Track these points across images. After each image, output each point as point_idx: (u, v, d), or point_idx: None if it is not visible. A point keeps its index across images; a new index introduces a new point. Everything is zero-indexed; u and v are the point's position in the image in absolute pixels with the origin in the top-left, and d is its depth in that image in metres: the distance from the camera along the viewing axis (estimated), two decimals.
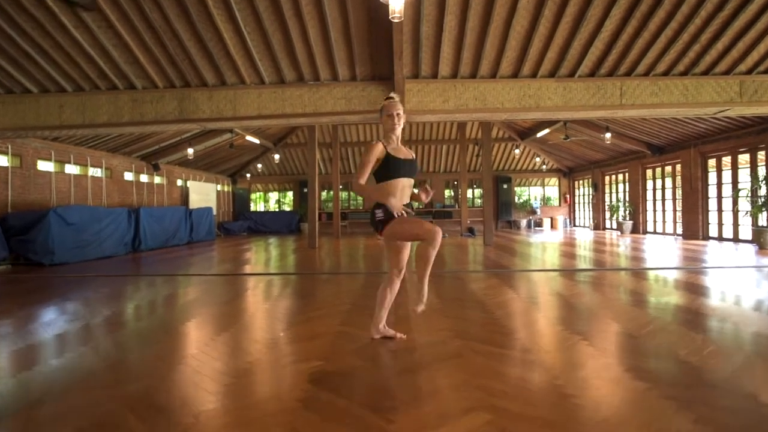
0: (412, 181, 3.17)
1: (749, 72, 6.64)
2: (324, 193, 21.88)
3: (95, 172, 12.56)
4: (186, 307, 4.77)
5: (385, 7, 4.57)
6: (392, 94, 3.20)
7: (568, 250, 10.49)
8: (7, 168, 9.60)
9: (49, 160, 10.83)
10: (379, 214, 2.98)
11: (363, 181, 2.94)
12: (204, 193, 18.33)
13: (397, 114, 3.11)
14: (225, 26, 5.90)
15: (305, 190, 21.38)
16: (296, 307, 4.60)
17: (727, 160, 11.98)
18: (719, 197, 12.16)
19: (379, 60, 6.51)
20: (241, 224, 19.76)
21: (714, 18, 5.74)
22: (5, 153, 9.57)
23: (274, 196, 23.06)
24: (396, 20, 4.18)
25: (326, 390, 2.37)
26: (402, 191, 3.07)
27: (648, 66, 6.58)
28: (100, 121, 6.99)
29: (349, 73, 6.77)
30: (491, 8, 5.60)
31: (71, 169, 11.61)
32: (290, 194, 22.58)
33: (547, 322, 3.84)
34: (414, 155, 3.24)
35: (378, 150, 3.02)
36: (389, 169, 3.05)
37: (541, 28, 5.90)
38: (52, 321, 4.19)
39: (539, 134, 15.99)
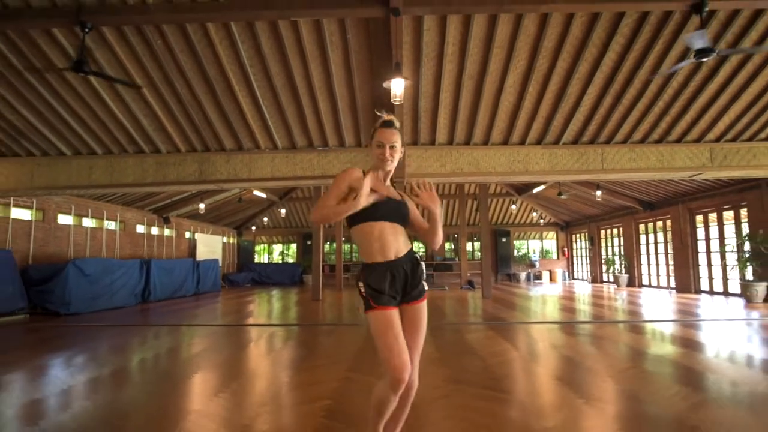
0: (400, 229, 2.27)
1: (717, 140, 7.33)
2: (327, 246, 22.39)
3: (110, 225, 13.15)
4: (202, 355, 5.20)
5: (388, 90, 5.28)
6: (388, 116, 2.31)
7: (562, 302, 10.88)
8: (30, 222, 10.20)
9: (69, 213, 11.45)
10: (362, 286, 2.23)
11: (330, 202, 2.17)
12: (211, 245, 18.85)
13: (391, 147, 2.24)
14: (245, 100, 6.65)
15: (309, 242, 21.96)
16: (301, 356, 5.02)
17: (713, 216, 12.57)
18: (708, 252, 12.65)
19: None
20: (245, 276, 20.16)
21: (680, 94, 6.48)
22: (30, 207, 10.20)
23: (278, 248, 23.58)
24: (397, 103, 4.85)
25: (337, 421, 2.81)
26: (381, 240, 2.22)
27: (626, 134, 7.27)
28: (126, 182, 7.64)
29: (354, 140, 7.47)
30: (481, 87, 6.35)
31: (88, 222, 12.21)
32: (294, 246, 23.11)
33: (542, 373, 4.27)
34: (402, 200, 2.33)
35: (352, 176, 2.23)
36: (361, 211, 2.18)
37: (527, 103, 6.64)
38: (69, 370, 4.62)
39: (535, 190, 16.65)
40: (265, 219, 21.28)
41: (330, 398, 3.34)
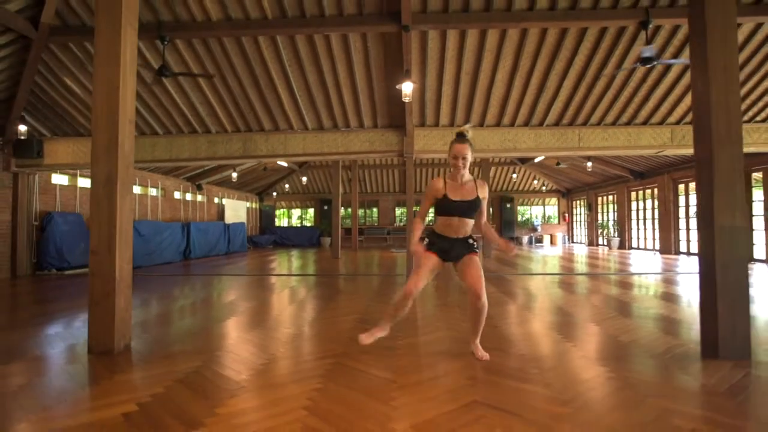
0: (467, 220, 3.14)
1: (678, 123, 8.69)
2: (342, 210, 24.02)
3: (152, 191, 14.87)
4: (252, 293, 6.91)
5: (400, 89, 6.77)
6: (464, 129, 3.17)
7: (552, 260, 12.48)
8: None
9: None
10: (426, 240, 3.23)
11: (420, 216, 3.18)
12: (236, 210, 20.57)
13: (463, 158, 3.06)
14: (283, 91, 8.16)
15: (326, 207, 23.64)
16: (331, 294, 6.72)
17: (692, 185, 13.91)
18: (687, 217, 14.08)
19: (394, 113, 8.70)
20: (267, 238, 21.90)
21: (640, 87, 7.85)
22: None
23: (296, 212, 25.32)
24: (407, 101, 6.33)
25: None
26: (450, 227, 3.13)
27: (599, 118, 8.67)
28: (183, 157, 9.24)
29: (371, 122, 8.96)
30: (476, 82, 7.79)
31: (136, 189, 13.92)
32: (311, 211, 24.82)
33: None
34: (476, 195, 3.12)
35: (435, 188, 3.11)
36: (440, 206, 3.14)
37: (514, 93, 8.07)
38: (141, 307, 6.36)
39: (536, 159, 18.02)
40: (286, 185, 22.93)
41: (359, 313, 5.01)
